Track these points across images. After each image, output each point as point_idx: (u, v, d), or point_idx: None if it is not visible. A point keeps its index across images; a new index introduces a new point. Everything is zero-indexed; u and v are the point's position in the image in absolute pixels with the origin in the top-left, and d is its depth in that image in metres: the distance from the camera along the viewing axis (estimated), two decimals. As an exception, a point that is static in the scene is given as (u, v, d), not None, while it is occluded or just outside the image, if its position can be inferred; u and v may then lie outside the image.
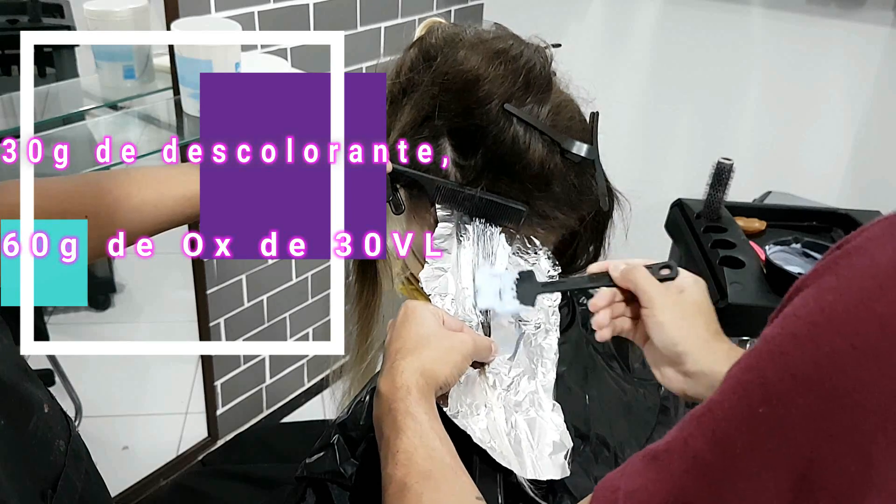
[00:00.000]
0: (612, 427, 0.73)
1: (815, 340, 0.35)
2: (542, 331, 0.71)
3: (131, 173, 0.69)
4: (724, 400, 0.38)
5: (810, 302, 0.36)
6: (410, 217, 0.73)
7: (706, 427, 0.39)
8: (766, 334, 0.38)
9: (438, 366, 0.61)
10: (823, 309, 0.35)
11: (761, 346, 0.38)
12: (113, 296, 1.88)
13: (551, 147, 0.68)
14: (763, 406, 0.36)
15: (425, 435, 0.56)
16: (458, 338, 0.63)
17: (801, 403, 0.34)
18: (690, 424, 0.40)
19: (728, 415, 0.38)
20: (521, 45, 0.70)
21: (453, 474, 0.55)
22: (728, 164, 1.28)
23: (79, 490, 0.53)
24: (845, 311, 0.34)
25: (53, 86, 1.27)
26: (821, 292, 0.36)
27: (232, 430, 1.84)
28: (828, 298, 0.35)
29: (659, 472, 0.41)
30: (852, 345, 0.33)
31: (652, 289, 0.64)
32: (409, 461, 0.55)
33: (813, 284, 0.37)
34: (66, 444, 0.53)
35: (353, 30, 1.68)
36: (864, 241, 0.36)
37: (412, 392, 0.58)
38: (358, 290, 0.77)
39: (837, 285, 0.35)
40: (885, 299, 0.33)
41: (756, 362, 0.37)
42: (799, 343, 0.35)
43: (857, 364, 0.33)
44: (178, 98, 1.18)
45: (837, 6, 1.61)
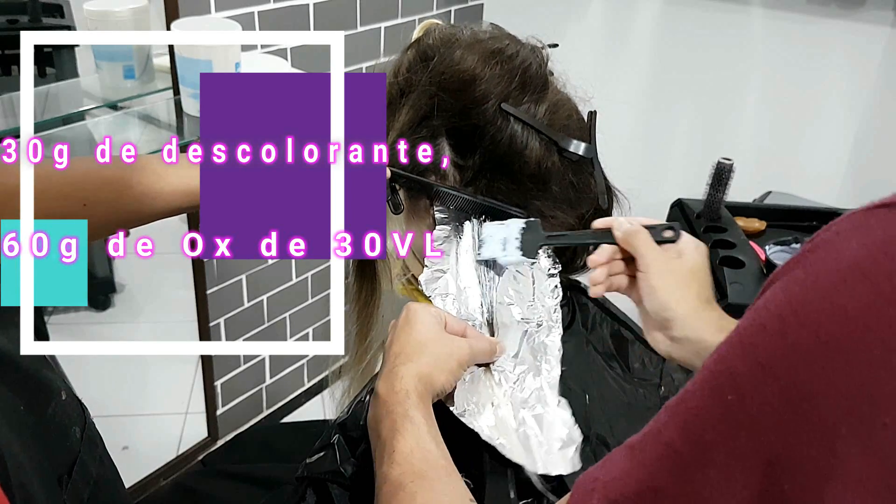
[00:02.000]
0: (612, 427, 0.73)
1: (781, 332, 0.35)
2: (545, 328, 0.71)
3: (132, 163, 0.69)
4: (697, 390, 0.39)
5: (779, 294, 0.37)
6: (410, 217, 0.73)
7: (679, 417, 0.40)
8: (739, 325, 0.39)
9: (436, 372, 0.61)
10: (790, 301, 0.36)
11: (733, 337, 0.38)
12: (113, 296, 1.88)
13: (549, 146, 0.68)
14: (732, 395, 0.37)
15: (422, 438, 0.57)
16: (455, 344, 0.64)
17: (768, 394, 0.35)
18: (665, 414, 0.41)
19: (699, 404, 0.39)
20: (517, 45, 0.70)
21: (448, 476, 0.56)
22: (728, 164, 1.28)
23: (93, 475, 0.54)
24: (810, 303, 0.35)
25: (53, 86, 1.27)
26: (788, 285, 0.37)
27: (232, 430, 1.84)
28: (794, 291, 0.36)
29: (633, 461, 0.42)
30: (816, 337, 0.34)
31: (649, 253, 0.65)
32: (406, 462, 0.55)
33: (783, 277, 0.38)
34: (81, 430, 0.54)
35: (353, 30, 1.68)
36: (831, 236, 0.37)
37: (411, 396, 0.59)
38: (356, 290, 0.77)
39: (804, 278, 0.36)
40: (848, 293, 0.34)
41: (727, 352, 0.38)
42: (767, 334, 0.36)
43: (820, 356, 0.34)
44: (178, 98, 1.18)
45: (837, 6, 1.61)
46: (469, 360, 0.64)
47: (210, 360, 1.70)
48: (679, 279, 0.65)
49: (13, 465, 0.42)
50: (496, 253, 0.70)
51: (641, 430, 0.43)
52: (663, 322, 0.65)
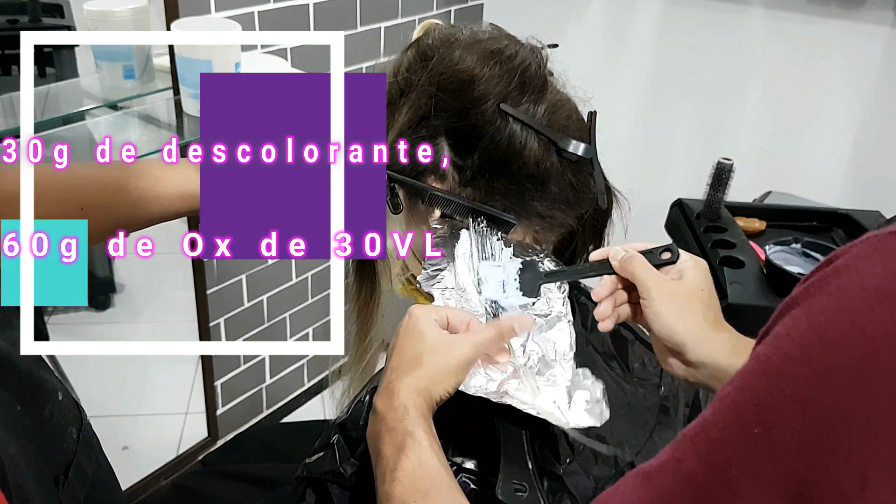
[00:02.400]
0: (611, 427, 0.73)
1: (807, 361, 0.35)
2: (555, 317, 0.71)
3: (130, 167, 0.69)
4: (718, 420, 0.39)
5: (802, 321, 0.36)
6: (410, 217, 0.73)
7: (700, 447, 0.39)
8: (759, 353, 0.38)
9: (433, 385, 0.61)
10: (814, 329, 0.35)
11: (754, 366, 0.38)
12: (113, 296, 1.88)
13: (548, 146, 0.68)
14: (757, 427, 0.36)
15: (424, 455, 0.56)
16: (455, 347, 0.62)
17: (794, 423, 0.35)
18: (684, 444, 0.40)
19: (722, 435, 0.38)
20: (516, 46, 0.70)
21: (451, 494, 0.56)
22: (728, 164, 1.28)
23: (90, 476, 0.54)
24: (836, 331, 0.35)
25: (53, 86, 1.27)
26: (812, 311, 0.36)
27: (232, 430, 1.84)
28: (819, 318, 0.36)
29: (651, 490, 0.41)
30: (844, 365, 0.34)
31: (648, 279, 0.64)
32: (408, 480, 0.55)
33: (804, 303, 0.37)
34: (78, 431, 0.54)
35: (353, 30, 1.68)
36: (853, 260, 0.36)
37: (410, 412, 0.58)
38: (356, 289, 0.77)
39: (828, 305, 0.36)
40: (876, 320, 0.33)
41: (749, 382, 0.38)
42: (792, 363, 0.36)
43: (848, 384, 0.33)
44: (178, 98, 1.18)
45: (837, 6, 1.61)
46: (473, 357, 0.63)
47: (210, 360, 1.70)
48: (681, 302, 0.64)
49: (10, 466, 0.42)
50: (497, 295, 0.70)
51: (657, 458, 0.42)
52: (674, 347, 0.64)
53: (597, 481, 0.68)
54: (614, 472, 0.71)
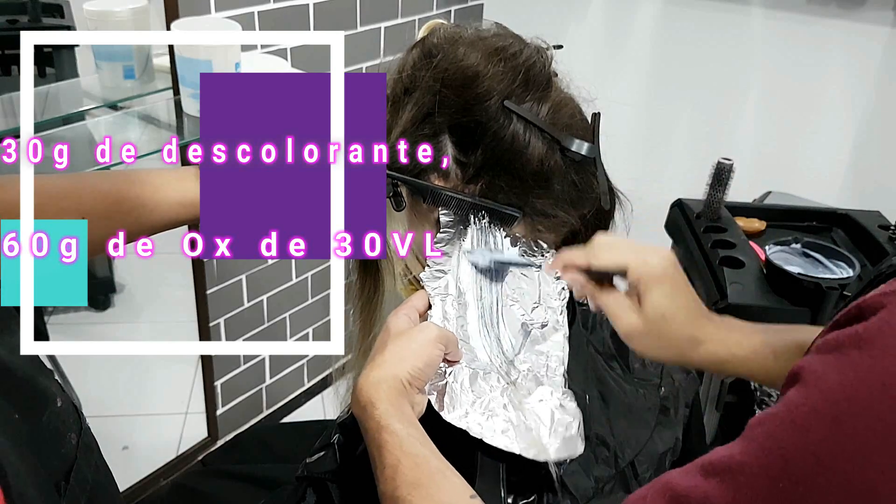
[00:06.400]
0: (612, 427, 0.73)
1: (836, 419, 0.34)
2: (551, 328, 0.71)
3: (129, 176, 0.69)
4: (745, 461, 0.38)
5: (832, 375, 0.36)
6: (412, 216, 0.73)
7: (727, 487, 0.39)
8: (789, 399, 0.38)
9: (397, 366, 0.61)
10: (844, 386, 0.35)
11: (783, 414, 0.37)
12: (113, 296, 1.88)
13: (551, 145, 0.68)
14: (784, 482, 0.36)
15: (405, 444, 0.56)
16: (418, 330, 0.63)
17: (822, 485, 0.34)
18: (712, 482, 0.40)
19: (749, 482, 0.38)
20: (521, 44, 0.70)
21: (442, 478, 0.56)
22: (728, 164, 1.28)
23: (90, 482, 0.54)
24: (869, 393, 0.34)
25: (53, 86, 1.27)
26: (843, 366, 0.36)
27: (232, 430, 1.84)
28: (849, 375, 0.35)
29: None
30: (875, 430, 0.33)
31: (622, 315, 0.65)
32: (396, 474, 0.55)
33: (835, 352, 0.36)
34: (77, 436, 0.54)
35: (353, 30, 1.68)
36: (890, 317, 0.35)
37: (377, 406, 0.58)
38: (359, 287, 0.77)
39: (859, 362, 0.35)
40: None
41: (777, 431, 0.37)
42: (820, 418, 0.35)
43: (880, 451, 0.33)
44: (178, 98, 1.18)
45: (837, 6, 1.61)
46: (437, 334, 0.63)
47: (210, 360, 1.70)
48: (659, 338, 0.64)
49: (13, 475, 0.42)
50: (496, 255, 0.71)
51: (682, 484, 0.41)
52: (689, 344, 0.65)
53: (597, 481, 0.68)
54: (614, 472, 0.70)
